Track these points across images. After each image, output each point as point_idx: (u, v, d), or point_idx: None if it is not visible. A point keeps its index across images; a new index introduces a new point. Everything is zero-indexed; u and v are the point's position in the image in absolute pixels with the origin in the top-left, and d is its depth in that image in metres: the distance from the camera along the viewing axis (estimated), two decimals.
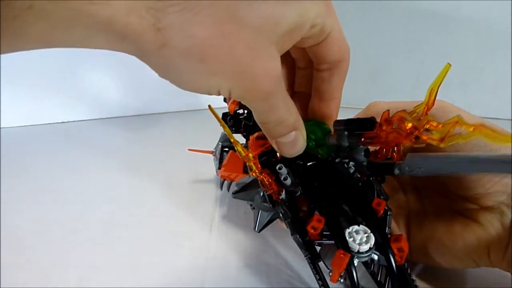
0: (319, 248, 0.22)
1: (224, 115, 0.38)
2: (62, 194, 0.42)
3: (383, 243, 0.20)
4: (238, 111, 0.38)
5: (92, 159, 0.52)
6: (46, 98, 0.68)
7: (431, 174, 0.18)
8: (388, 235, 0.21)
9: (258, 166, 0.22)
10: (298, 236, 0.22)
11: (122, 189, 0.43)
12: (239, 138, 0.25)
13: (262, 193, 0.24)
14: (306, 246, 0.22)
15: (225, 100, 0.42)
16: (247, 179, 0.28)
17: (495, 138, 0.15)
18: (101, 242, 0.33)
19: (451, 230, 0.23)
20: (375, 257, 0.20)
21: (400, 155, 0.21)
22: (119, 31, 0.14)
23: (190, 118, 0.72)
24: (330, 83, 0.22)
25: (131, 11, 0.14)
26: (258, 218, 0.26)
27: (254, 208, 0.26)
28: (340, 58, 0.21)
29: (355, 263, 0.20)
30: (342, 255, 0.19)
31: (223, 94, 0.17)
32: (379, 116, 0.25)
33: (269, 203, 0.23)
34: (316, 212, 0.22)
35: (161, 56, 0.15)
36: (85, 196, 0.41)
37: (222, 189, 0.38)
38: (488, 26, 0.57)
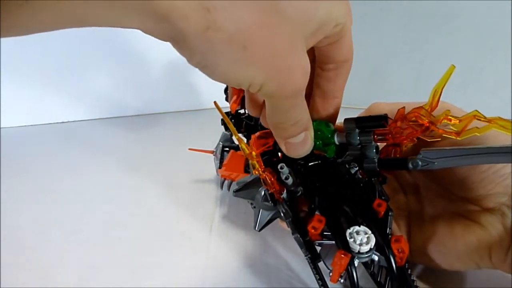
0: (319, 248, 0.22)
1: (226, 115, 0.38)
2: (62, 194, 0.42)
3: (383, 244, 0.20)
4: (239, 111, 0.38)
5: (92, 159, 0.53)
6: (47, 98, 0.68)
7: (445, 167, 0.18)
8: (389, 236, 0.21)
9: (261, 164, 0.22)
10: (299, 235, 0.22)
11: (122, 189, 0.43)
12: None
13: (263, 192, 0.24)
14: (307, 246, 0.21)
15: (226, 99, 0.42)
16: (248, 178, 0.28)
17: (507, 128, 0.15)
18: (101, 242, 0.32)
19: (452, 232, 0.23)
20: (376, 257, 0.20)
21: (402, 155, 0.21)
22: (161, 11, 0.13)
23: (190, 118, 0.72)
24: (335, 83, 0.22)
25: None
26: (258, 217, 0.26)
27: (255, 207, 0.26)
28: (346, 59, 0.21)
29: (356, 263, 0.20)
30: (343, 255, 0.19)
31: (252, 88, 0.17)
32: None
33: (270, 202, 0.23)
34: (317, 212, 0.22)
35: (204, 40, 0.14)
36: (85, 196, 0.41)
37: (222, 188, 0.38)
38: (488, 26, 0.57)
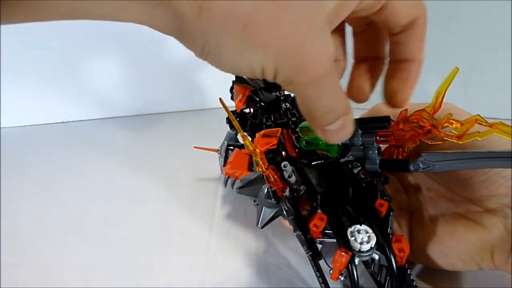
0: (320, 246, 0.22)
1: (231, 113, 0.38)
2: (62, 194, 0.42)
3: (384, 243, 0.20)
4: (244, 110, 0.38)
5: (92, 159, 0.52)
6: (47, 97, 0.68)
7: (446, 170, 0.18)
8: (390, 235, 0.21)
9: (265, 161, 0.22)
10: (301, 233, 0.22)
11: (122, 189, 0.43)
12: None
13: (266, 189, 0.24)
14: (308, 243, 0.22)
15: (232, 98, 0.42)
16: (252, 176, 0.28)
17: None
18: (101, 242, 0.32)
19: (454, 233, 0.23)
20: (376, 256, 0.20)
21: (404, 157, 0.21)
22: None
23: (191, 118, 0.72)
24: (408, 45, 0.19)
25: None
26: (261, 214, 0.26)
27: (257, 204, 0.27)
28: (412, 18, 0.18)
29: (356, 262, 0.20)
30: (343, 253, 0.19)
31: (267, 75, 0.15)
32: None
33: (273, 199, 0.23)
34: (319, 211, 0.22)
35: (199, 24, 0.13)
36: (85, 196, 0.41)
37: (226, 186, 0.38)
38: (488, 26, 0.57)
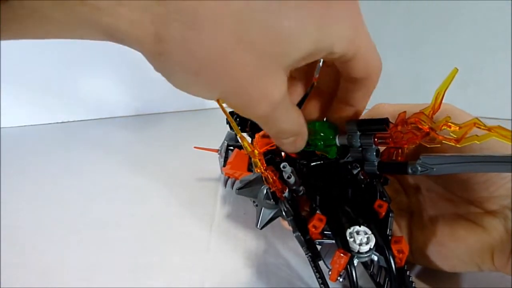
0: (319, 247, 0.22)
1: (231, 113, 0.38)
2: (62, 194, 0.42)
3: (383, 245, 0.20)
4: None
5: (92, 159, 0.53)
6: (46, 98, 0.68)
7: (444, 173, 0.18)
8: (390, 236, 0.21)
9: (263, 162, 0.22)
10: (300, 234, 0.22)
11: (122, 189, 0.43)
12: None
13: (265, 190, 0.24)
14: (308, 244, 0.22)
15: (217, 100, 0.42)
16: (251, 176, 0.28)
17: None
18: (101, 242, 0.33)
19: (454, 234, 0.23)
20: (375, 258, 0.20)
21: (404, 158, 0.21)
22: (120, 37, 0.14)
23: (191, 118, 0.72)
24: (353, 95, 0.21)
25: (135, 21, 0.14)
26: (260, 215, 0.26)
27: (257, 205, 0.27)
28: (365, 76, 0.20)
29: (355, 263, 0.20)
30: (342, 255, 0.19)
31: (220, 102, 0.17)
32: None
33: (272, 200, 0.23)
34: (318, 211, 0.22)
35: (158, 62, 0.15)
36: (85, 196, 0.41)
37: (226, 186, 0.38)
38: (488, 26, 0.57)
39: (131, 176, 0.46)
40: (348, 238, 0.20)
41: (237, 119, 0.37)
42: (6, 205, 0.39)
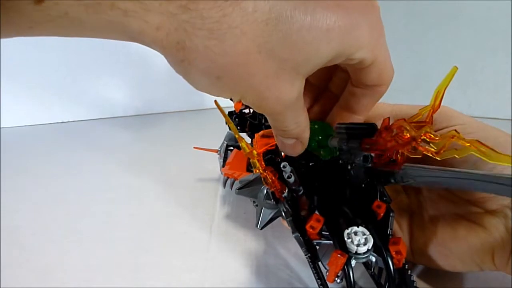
0: (317, 247, 0.22)
1: (230, 114, 0.38)
2: (62, 194, 0.42)
3: (381, 246, 0.20)
4: (243, 110, 0.38)
5: (92, 159, 0.53)
6: (46, 98, 0.68)
7: (426, 185, 0.18)
8: (390, 236, 0.21)
9: (262, 163, 0.22)
10: (299, 235, 0.22)
11: (122, 189, 0.43)
12: (244, 137, 0.24)
13: (265, 190, 0.24)
14: (307, 245, 0.22)
15: (231, 98, 0.42)
16: (251, 177, 0.28)
17: (490, 156, 0.15)
18: (101, 242, 0.33)
19: (455, 234, 0.23)
20: (373, 259, 0.20)
21: (404, 158, 0.21)
22: (144, 41, 0.15)
23: (191, 118, 0.72)
24: (359, 101, 0.22)
25: (161, 27, 0.14)
26: (260, 215, 0.26)
27: (257, 205, 0.27)
28: (377, 84, 0.20)
29: (353, 264, 0.19)
30: (339, 256, 0.19)
31: (235, 100, 0.18)
32: (382, 117, 0.25)
33: (272, 200, 0.23)
34: (316, 212, 0.22)
35: (181, 67, 0.16)
36: (85, 196, 0.41)
37: (225, 187, 0.38)
38: (488, 26, 0.57)
39: (131, 176, 0.46)
40: (345, 239, 0.20)
41: (236, 119, 0.37)
42: (6, 205, 0.39)
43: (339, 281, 0.20)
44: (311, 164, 0.26)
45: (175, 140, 0.60)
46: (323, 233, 0.22)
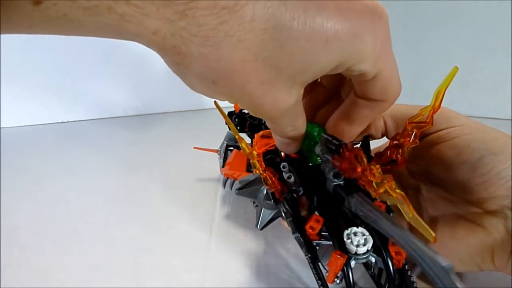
0: (317, 248, 0.22)
1: (230, 114, 0.38)
2: (62, 194, 0.42)
3: (381, 246, 0.20)
4: (243, 110, 0.38)
5: (92, 159, 0.53)
6: (46, 98, 0.68)
7: (368, 221, 0.18)
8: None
9: (262, 163, 0.22)
10: (299, 235, 0.22)
11: (122, 189, 0.43)
12: (244, 138, 0.24)
13: (265, 190, 0.24)
14: (307, 246, 0.22)
15: None
16: (251, 177, 0.28)
17: (407, 214, 0.15)
18: (101, 242, 0.33)
19: (455, 234, 0.23)
20: (373, 259, 0.20)
21: (404, 158, 0.21)
22: (142, 42, 0.15)
23: (191, 118, 0.72)
24: (358, 111, 0.21)
25: (157, 32, 0.14)
26: (260, 215, 0.26)
27: (257, 205, 0.27)
28: (380, 99, 0.20)
29: (352, 264, 0.19)
30: (339, 256, 0.19)
31: (231, 103, 0.18)
32: (382, 117, 0.25)
33: (272, 201, 0.23)
34: (315, 212, 0.22)
35: (177, 70, 0.16)
36: (85, 196, 0.41)
37: (225, 187, 0.38)
38: (488, 26, 0.57)
39: (131, 176, 0.46)
40: (345, 240, 0.20)
41: (236, 119, 0.37)
42: (6, 205, 0.39)
43: (338, 281, 0.19)
44: (311, 164, 0.26)
45: (175, 140, 0.60)
46: (322, 233, 0.22)
